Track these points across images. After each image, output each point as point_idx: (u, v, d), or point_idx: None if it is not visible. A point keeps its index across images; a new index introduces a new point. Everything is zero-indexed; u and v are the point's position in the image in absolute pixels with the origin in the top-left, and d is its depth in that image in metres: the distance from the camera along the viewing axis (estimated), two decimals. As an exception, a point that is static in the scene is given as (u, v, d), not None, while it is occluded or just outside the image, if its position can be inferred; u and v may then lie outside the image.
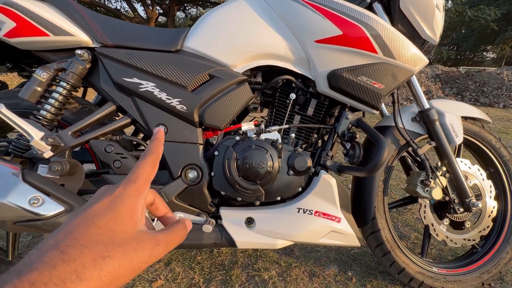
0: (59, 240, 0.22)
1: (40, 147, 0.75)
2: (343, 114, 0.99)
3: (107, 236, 0.24)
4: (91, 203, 0.26)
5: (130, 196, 0.27)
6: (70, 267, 0.21)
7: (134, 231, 0.26)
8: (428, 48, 1.02)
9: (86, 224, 0.24)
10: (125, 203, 0.27)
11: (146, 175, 0.30)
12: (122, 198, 0.27)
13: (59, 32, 0.85)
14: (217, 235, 0.91)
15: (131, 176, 0.29)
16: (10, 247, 0.98)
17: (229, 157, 0.88)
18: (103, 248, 0.23)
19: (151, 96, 0.88)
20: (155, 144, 0.34)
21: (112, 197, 0.27)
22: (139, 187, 0.28)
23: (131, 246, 0.25)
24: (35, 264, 0.20)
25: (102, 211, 0.25)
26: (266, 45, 0.91)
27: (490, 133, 1.15)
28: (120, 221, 0.25)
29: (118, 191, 0.27)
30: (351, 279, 1.18)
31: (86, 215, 0.25)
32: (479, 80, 7.73)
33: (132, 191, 0.28)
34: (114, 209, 0.26)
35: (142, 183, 0.29)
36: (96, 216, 0.25)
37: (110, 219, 0.25)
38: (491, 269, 1.11)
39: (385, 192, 1.09)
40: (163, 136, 0.36)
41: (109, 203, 0.26)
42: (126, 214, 0.26)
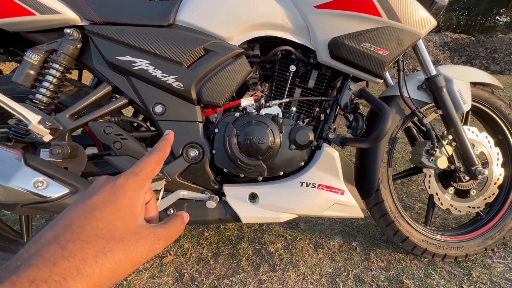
0: (58, 233, 0.22)
1: (39, 130, 0.75)
2: (345, 85, 0.95)
3: (107, 230, 0.23)
4: (90, 193, 0.26)
5: (131, 188, 0.26)
6: (70, 263, 0.20)
7: (135, 226, 0.25)
8: (437, 9, 0.96)
9: (85, 216, 0.23)
10: (125, 195, 0.26)
11: (149, 170, 0.29)
12: (123, 190, 0.26)
13: (45, 10, 0.81)
14: (222, 211, 0.92)
15: (134, 169, 0.28)
16: (24, 229, 1.02)
17: (229, 133, 0.86)
18: (104, 243, 0.22)
19: (146, 74, 0.85)
20: (163, 143, 0.33)
21: (112, 189, 0.26)
22: (141, 180, 0.28)
23: (131, 241, 0.24)
24: (34, 259, 0.20)
25: (102, 203, 0.25)
26: (263, 14, 0.86)
27: (500, 99, 1.10)
28: (120, 214, 0.25)
29: (119, 182, 0.26)
30: (355, 249, 1.21)
31: (86, 207, 0.24)
32: (490, 47, 7.37)
33: (134, 184, 0.27)
34: (115, 201, 0.25)
35: (144, 177, 0.28)
36: (96, 208, 0.24)
37: (110, 212, 0.24)
38: (494, 235, 1.12)
39: (389, 163, 1.07)
40: (172, 138, 0.36)
41: (109, 194, 0.25)
42: (127, 207, 0.25)
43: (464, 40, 8.19)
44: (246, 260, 1.15)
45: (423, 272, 1.08)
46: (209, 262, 1.14)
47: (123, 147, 0.86)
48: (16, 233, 1.08)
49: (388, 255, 1.17)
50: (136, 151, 0.88)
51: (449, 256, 1.10)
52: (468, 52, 7.63)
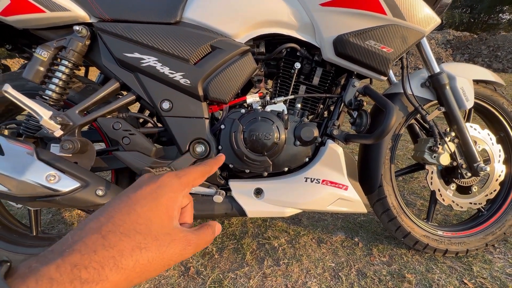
0: (102, 223, 0.23)
1: (50, 126, 0.76)
2: (349, 82, 0.96)
3: (145, 226, 0.24)
4: (134, 188, 0.27)
5: (172, 190, 0.27)
6: (109, 253, 0.21)
7: (170, 227, 0.26)
8: (441, 7, 0.96)
9: (127, 210, 0.24)
10: (165, 195, 0.26)
11: (192, 177, 0.30)
12: (164, 189, 0.27)
13: (55, 7, 0.83)
14: (228, 206, 0.94)
15: (179, 173, 0.29)
16: (33, 223, 1.04)
17: (235, 129, 0.88)
18: (141, 239, 0.23)
19: (153, 71, 0.87)
20: (213, 161, 0.35)
21: (154, 186, 0.27)
22: (182, 184, 0.29)
23: (165, 241, 0.24)
24: (78, 245, 0.21)
25: (143, 198, 0.25)
26: (269, 11, 0.88)
27: (502, 97, 1.11)
28: (158, 213, 0.25)
29: (161, 181, 0.27)
30: (358, 244, 1.23)
31: (129, 200, 0.25)
32: (493, 45, 7.34)
33: (175, 186, 0.28)
34: (155, 199, 0.26)
35: (186, 181, 0.29)
36: (137, 203, 0.25)
37: (150, 209, 0.25)
38: (495, 230, 1.13)
39: (392, 160, 1.09)
40: (222, 161, 0.38)
41: (151, 191, 0.26)
42: (165, 207, 0.26)
43: (467, 38, 8.15)
44: (251, 255, 1.17)
45: (424, 266, 1.10)
46: (214, 256, 1.16)
47: (132, 142, 0.88)
48: (25, 227, 1.11)
49: (390, 250, 1.19)
50: (144, 146, 0.89)
51: (450, 251, 1.12)
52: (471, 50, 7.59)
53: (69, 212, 1.47)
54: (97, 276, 0.20)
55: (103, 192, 0.81)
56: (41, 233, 1.08)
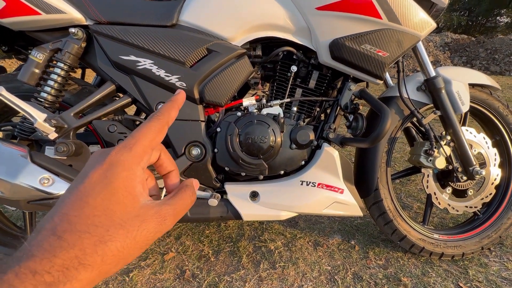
0: (56, 223, 0.20)
1: (44, 128, 0.76)
2: (345, 86, 0.97)
3: (105, 217, 0.21)
4: (82, 177, 0.23)
5: (124, 168, 0.23)
6: (70, 254, 0.20)
7: (136, 208, 0.22)
8: (437, 11, 0.97)
9: (79, 204, 0.21)
10: (119, 176, 0.22)
11: (146, 140, 0.24)
12: (115, 170, 0.22)
13: (51, 9, 0.82)
14: (223, 209, 0.94)
15: (128, 141, 0.24)
16: (28, 225, 1.03)
17: (231, 132, 0.88)
18: (102, 232, 0.21)
19: (149, 74, 0.87)
20: (169, 106, 0.27)
21: (102, 169, 0.22)
22: (136, 155, 0.24)
23: (134, 225, 0.22)
24: (35, 250, 0.19)
25: (94, 188, 0.22)
26: (265, 15, 0.88)
27: (498, 101, 1.12)
28: (117, 198, 0.22)
29: (109, 160, 0.23)
30: (354, 247, 1.23)
31: (79, 193, 0.22)
32: (491, 47, 7.38)
33: (127, 161, 0.23)
34: (108, 185, 0.22)
35: (140, 150, 0.24)
36: (88, 195, 0.21)
37: (105, 198, 0.22)
38: (491, 234, 1.14)
39: (388, 163, 1.09)
40: (182, 100, 0.29)
41: (101, 178, 0.22)
42: (123, 189, 0.22)
43: (465, 40, 8.19)
44: (247, 257, 1.16)
45: (420, 270, 1.10)
46: (210, 259, 1.16)
47: (127, 145, 0.88)
48: (19, 229, 1.10)
49: (386, 253, 1.19)
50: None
51: (446, 255, 1.12)
52: (468, 53, 7.63)
53: (65, 214, 1.46)
54: (64, 278, 0.19)
55: (97, 195, 0.80)
56: (35, 235, 1.07)
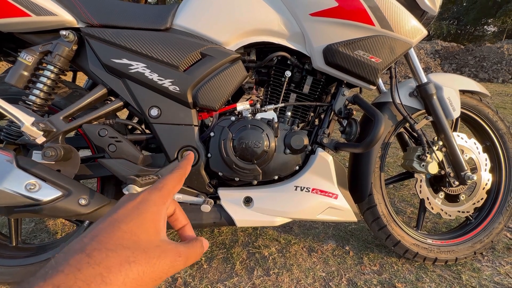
0: (85, 243, 0.23)
1: (32, 132, 0.74)
2: (339, 91, 0.97)
3: (132, 241, 0.24)
4: (116, 208, 0.27)
5: (154, 203, 0.28)
6: (95, 270, 0.21)
7: (158, 239, 0.26)
8: (428, 19, 0.99)
9: (111, 228, 0.24)
10: (149, 210, 0.27)
11: (171, 186, 0.31)
12: (146, 204, 0.27)
13: (41, 11, 0.81)
14: (216, 215, 0.92)
15: (157, 185, 0.30)
16: (13, 233, 1.00)
17: (225, 137, 0.87)
18: (128, 253, 0.23)
19: (142, 77, 0.85)
20: (185, 162, 0.36)
21: (136, 202, 0.27)
22: (164, 195, 0.29)
23: (155, 253, 0.25)
24: (61, 266, 0.20)
25: (127, 216, 0.26)
26: (260, 20, 0.88)
27: (488, 107, 1.14)
28: (144, 227, 0.26)
29: (143, 197, 0.28)
30: (349, 252, 1.22)
31: (111, 219, 0.25)
32: (479, 55, 7.60)
33: (157, 199, 0.28)
34: (139, 215, 0.26)
35: (166, 192, 0.30)
36: (121, 221, 0.25)
37: (135, 225, 0.25)
38: (483, 238, 1.15)
39: (381, 168, 1.09)
40: (192, 158, 0.38)
41: (133, 208, 0.26)
42: (150, 221, 0.26)
43: (454, 48, 8.42)
44: (240, 264, 1.14)
45: (414, 275, 1.10)
46: (202, 266, 1.13)
47: (118, 149, 0.86)
48: (4, 237, 1.06)
49: (381, 259, 1.19)
50: (130, 153, 0.87)
51: (440, 260, 1.12)
52: (458, 60, 7.84)
53: (53, 221, 1.42)
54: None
55: (86, 201, 0.78)
56: (21, 243, 1.04)
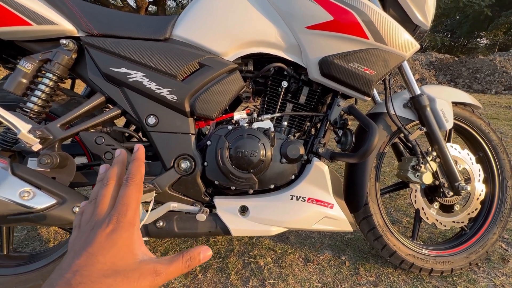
0: (69, 278, 0.25)
1: (28, 139, 0.74)
2: (335, 102, 0.99)
3: (112, 270, 0.26)
4: (88, 240, 0.28)
5: (124, 230, 0.29)
6: None
7: (135, 262, 0.28)
8: (420, 33, 1.02)
9: (91, 262, 0.26)
10: (121, 237, 0.28)
11: (133, 204, 0.31)
12: (118, 233, 0.29)
13: (42, 21, 0.82)
14: (212, 224, 0.91)
15: (120, 209, 0.30)
16: (4, 241, 0.98)
17: (221, 146, 0.87)
18: (111, 281, 0.26)
19: (140, 86, 0.86)
20: (136, 165, 0.34)
21: (107, 232, 0.28)
22: (131, 219, 0.30)
23: (134, 277, 0.27)
24: None
25: (102, 248, 0.27)
26: (257, 32, 0.90)
27: (480, 118, 1.16)
28: (120, 255, 0.28)
29: (112, 227, 0.29)
30: (345, 263, 1.21)
31: (88, 254, 0.27)
32: (472, 67, 7.77)
33: (126, 225, 0.29)
34: (113, 245, 0.28)
35: (132, 214, 0.30)
36: (98, 254, 0.27)
37: (112, 255, 0.27)
38: (478, 249, 1.15)
39: (377, 178, 1.10)
40: (143, 155, 0.36)
41: (106, 238, 0.28)
42: (125, 247, 0.28)
43: (448, 60, 8.60)
44: (235, 274, 1.13)
45: (410, 286, 1.09)
46: (197, 276, 1.12)
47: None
48: (-5, 245, 1.04)
49: (377, 270, 1.18)
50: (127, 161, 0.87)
51: (436, 271, 1.12)
52: (452, 72, 8.00)
53: (46, 228, 1.40)
54: None
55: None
56: (12, 251, 1.02)
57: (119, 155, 0.36)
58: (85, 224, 0.31)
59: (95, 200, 0.32)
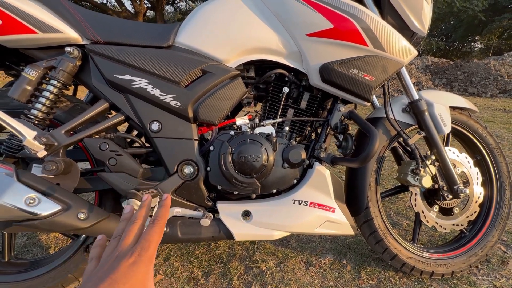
0: None
1: (34, 146, 0.74)
2: (335, 107, 1.00)
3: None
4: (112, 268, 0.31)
5: (145, 264, 0.32)
6: None
7: None
8: (417, 40, 1.04)
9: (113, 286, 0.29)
10: (141, 271, 0.31)
11: (155, 242, 0.34)
12: (139, 266, 0.32)
13: (47, 29, 0.83)
14: (215, 229, 0.92)
15: (144, 244, 0.33)
16: (6, 248, 0.98)
17: (224, 151, 0.88)
18: None
19: (144, 93, 0.87)
20: (163, 210, 0.38)
21: (129, 263, 0.31)
22: (151, 255, 0.33)
23: None
24: None
25: (123, 276, 0.30)
26: (259, 39, 0.92)
27: (477, 122, 1.18)
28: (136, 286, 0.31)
29: (135, 259, 0.32)
30: (346, 266, 1.22)
31: (111, 280, 0.30)
32: (468, 71, 7.87)
33: (146, 260, 0.32)
34: (133, 276, 0.31)
35: (153, 251, 0.33)
36: (120, 282, 0.30)
37: (130, 286, 0.30)
38: (478, 252, 1.16)
39: (377, 181, 1.12)
40: (169, 203, 0.40)
41: (128, 269, 0.31)
42: (141, 282, 0.31)
43: (444, 64, 8.71)
44: (238, 279, 1.13)
45: (412, 289, 1.10)
46: (199, 282, 1.12)
47: (118, 163, 0.86)
48: (-4, 252, 1.03)
49: (378, 273, 1.19)
50: (130, 167, 0.88)
51: (436, 274, 1.13)
52: (448, 75, 8.10)
53: (46, 235, 1.39)
54: None
55: (85, 215, 0.78)
56: (13, 258, 1.01)
57: (145, 200, 0.41)
58: (107, 255, 0.34)
59: (119, 236, 0.36)
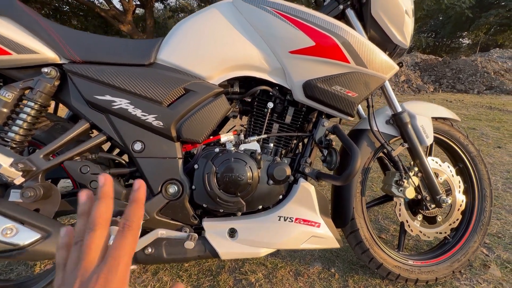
0: None
1: (10, 173, 0.73)
2: (319, 122, 1.01)
3: None
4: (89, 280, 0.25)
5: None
6: None
7: None
8: (400, 51, 1.06)
9: None
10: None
11: (126, 258, 0.26)
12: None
13: (22, 50, 0.81)
14: (201, 248, 0.92)
15: (112, 264, 0.26)
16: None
17: (208, 170, 0.88)
18: None
19: (125, 113, 0.86)
20: (135, 208, 0.29)
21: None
22: (121, 278, 0.26)
23: None
24: None
25: None
26: (242, 56, 0.91)
27: (459, 131, 1.21)
28: None
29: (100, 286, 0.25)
30: (334, 275, 1.24)
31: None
32: (455, 68, 8.01)
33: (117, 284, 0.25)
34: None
35: (124, 270, 0.26)
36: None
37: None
38: (460, 257, 1.19)
39: (363, 192, 1.13)
40: (144, 194, 0.30)
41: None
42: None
43: (433, 61, 8.85)
44: (227, 293, 1.14)
45: (397, 297, 1.12)
46: (188, 297, 1.12)
47: (100, 185, 0.85)
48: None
49: (365, 281, 1.21)
50: (113, 189, 0.87)
51: (421, 280, 1.16)
52: (437, 72, 8.23)
53: (32, 251, 1.37)
54: None
55: (66, 241, 0.77)
56: (-4, 279, 0.99)
57: (103, 185, 0.29)
58: (70, 272, 0.27)
59: (81, 243, 0.27)
